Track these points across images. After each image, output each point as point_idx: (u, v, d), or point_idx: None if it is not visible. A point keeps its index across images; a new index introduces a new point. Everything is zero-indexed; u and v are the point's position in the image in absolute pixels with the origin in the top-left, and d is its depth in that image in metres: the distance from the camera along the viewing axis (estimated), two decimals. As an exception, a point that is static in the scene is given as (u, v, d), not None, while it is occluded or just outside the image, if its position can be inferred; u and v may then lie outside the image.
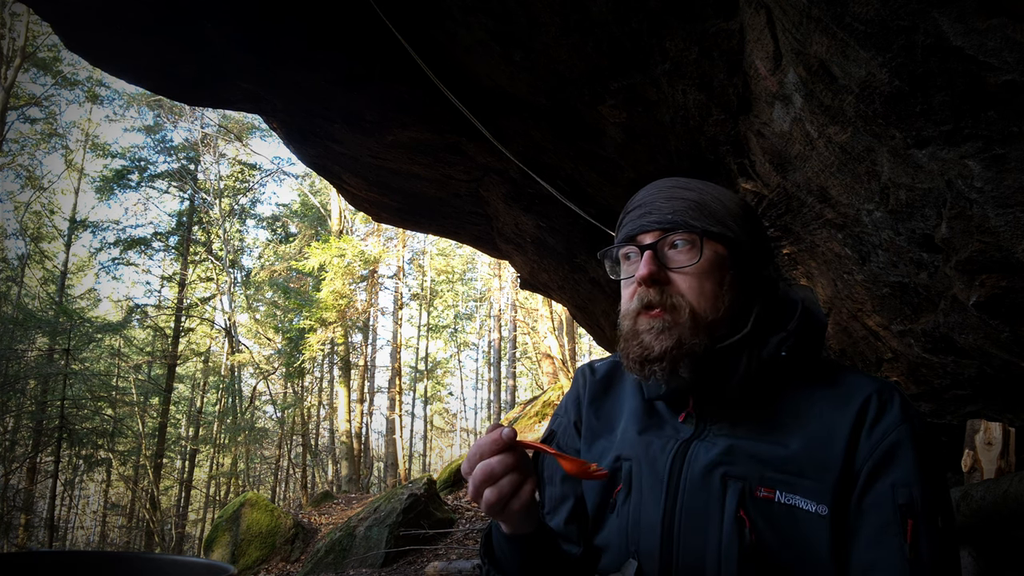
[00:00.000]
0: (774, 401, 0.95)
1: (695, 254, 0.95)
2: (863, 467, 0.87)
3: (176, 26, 4.00)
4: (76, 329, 17.19)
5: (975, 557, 2.81)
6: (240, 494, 15.19)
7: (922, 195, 2.17)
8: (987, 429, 3.06)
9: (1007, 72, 1.55)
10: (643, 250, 0.97)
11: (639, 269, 0.96)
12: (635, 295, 0.97)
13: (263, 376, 20.43)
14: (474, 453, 0.86)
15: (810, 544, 0.85)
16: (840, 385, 0.94)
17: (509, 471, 0.84)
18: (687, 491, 0.92)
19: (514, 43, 3.41)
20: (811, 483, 0.87)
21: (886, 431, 0.88)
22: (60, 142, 23.36)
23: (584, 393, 1.12)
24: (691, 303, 0.94)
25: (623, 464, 0.99)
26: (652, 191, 1.02)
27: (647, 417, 1.02)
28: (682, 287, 0.95)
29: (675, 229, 0.96)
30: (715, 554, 0.87)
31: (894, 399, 0.91)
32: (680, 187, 1.01)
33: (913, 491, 0.85)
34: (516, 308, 22.33)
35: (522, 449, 0.86)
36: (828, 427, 0.90)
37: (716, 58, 2.73)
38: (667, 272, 0.95)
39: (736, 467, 0.90)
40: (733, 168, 3.22)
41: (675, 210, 0.97)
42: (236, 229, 24.29)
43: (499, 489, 0.83)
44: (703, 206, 0.98)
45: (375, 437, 26.51)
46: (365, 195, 6.43)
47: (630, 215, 1.01)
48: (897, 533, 0.84)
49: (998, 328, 2.41)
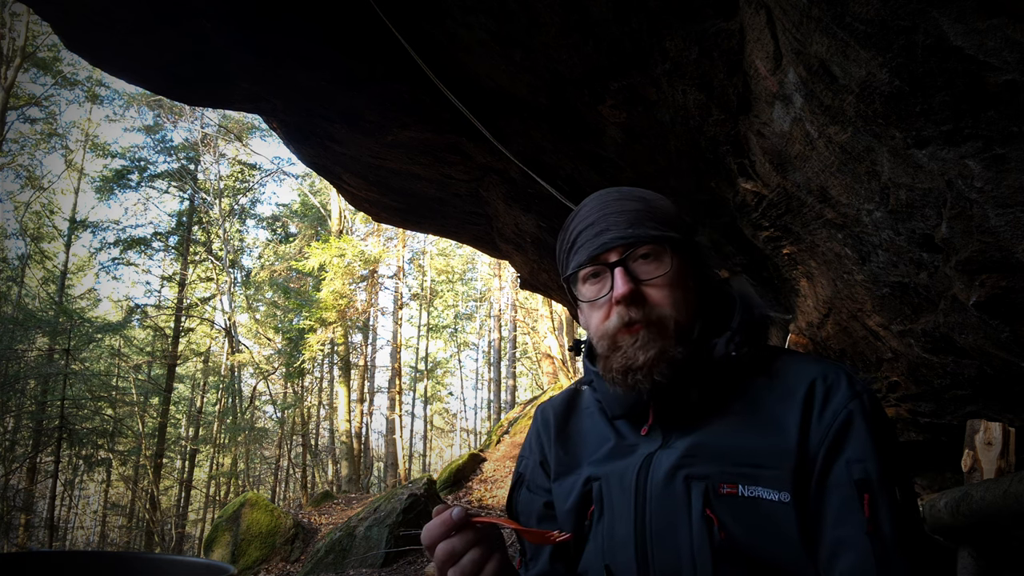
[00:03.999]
0: (726, 398, 0.95)
1: (665, 263, 0.95)
2: (818, 450, 0.88)
3: (176, 26, 4.00)
4: (76, 329, 17.19)
5: (975, 557, 2.81)
6: (240, 494, 15.20)
7: (922, 195, 2.17)
8: (987, 429, 3.06)
9: (1007, 72, 1.55)
10: (611, 268, 0.95)
11: (616, 288, 0.94)
12: (612, 314, 0.96)
13: (263, 376, 20.43)
14: (426, 536, 0.85)
15: (779, 533, 0.86)
16: (787, 373, 0.95)
17: (470, 547, 0.83)
18: (653, 499, 0.92)
19: (514, 43, 3.41)
20: (771, 472, 0.88)
21: (836, 411, 0.89)
22: (60, 142, 23.41)
23: (546, 430, 1.12)
24: (673, 315, 0.94)
25: (593, 485, 1.00)
26: (597, 206, 1.00)
27: (612, 438, 1.02)
28: (659, 298, 0.95)
29: (639, 242, 0.95)
30: (688, 556, 0.88)
31: (840, 378, 0.92)
32: (625, 198, 1.00)
33: (868, 466, 0.86)
34: (516, 308, 22.34)
35: (482, 524, 0.85)
36: (780, 416, 0.91)
37: (716, 58, 2.73)
38: (641, 286, 0.95)
39: (697, 467, 0.91)
40: (733, 168, 3.22)
41: (632, 222, 0.96)
42: (236, 229, 24.31)
43: (461, 569, 0.82)
44: (654, 213, 0.98)
45: (375, 437, 26.54)
46: (365, 195, 6.43)
47: (583, 234, 0.99)
48: (857, 509, 0.84)
49: (998, 328, 2.41)
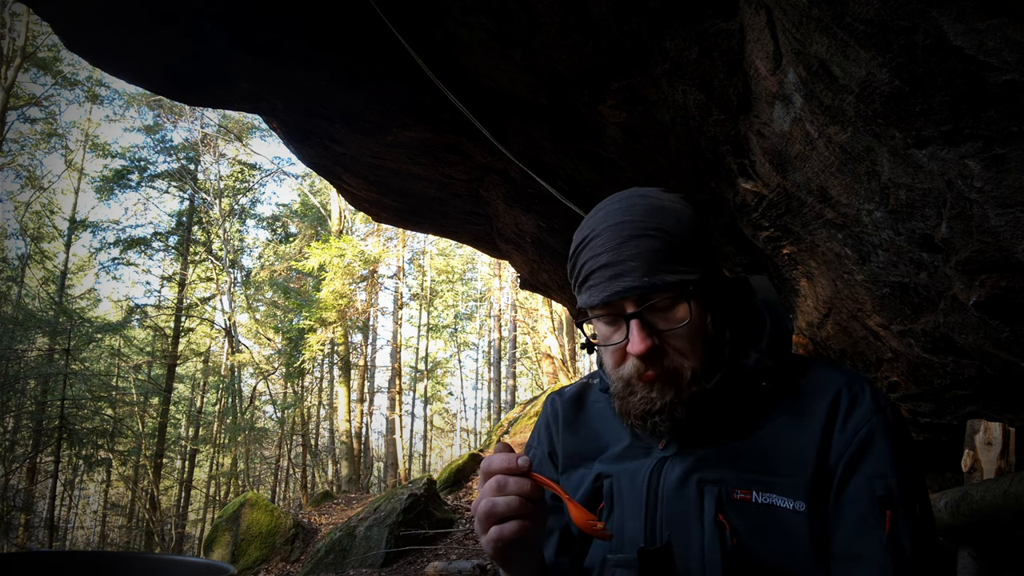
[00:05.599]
0: (747, 404, 0.94)
1: (684, 312, 0.90)
2: (839, 462, 0.87)
3: (176, 26, 4.00)
4: (76, 329, 17.19)
5: (975, 557, 2.80)
6: (240, 494, 15.19)
7: (922, 195, 2.17)
8: (987, 429, 3.06)
9: (1007, 72, 1.55)
10: (627, 319, 0.90)
11: (632, 344, 0.89)
12: (627, 361, 0.93)
13: (263, 376, 20.43)
14: (486, 464, 0.84)
15: (791, 541, 0.86)
16: (810, 381, 0.94)
17: (520, 492, 0.81)
18: (666, 500, 0.91)
19: (514, 43, 3.41)
20: (787, 481, 0.87)
21: (859, 424, 0.88)
22: (60, 142, 23.41)
23: (555, 421, 1.10)
24: (691, 365, 0.91)
25: (604, 482, 0.99)
26: (609, 240, 0.91)
27: (628, 439, 1.01)
28: (678, 347, 0.91)
29: (656, 291, 0.89)
30: (699, 561, 0.87)
31: (864, 391, 0.91)
32: (639, 230, 0.90)
33: (889, 482, 0.85)
34: (516, 308, 22.33)
35: (540, 482, 0.83)
36: (801, 425, 0.90)
37: (716, 58, 2.73)
38: (659, 337, 0.91)
39: (711, 472, 0.90)
40: (733, 168, 3.22)
41: (648, 267, 0.88)
42: (236, 229, 24.30)
43: (507, 503, 0.80)
44: (673, 251, 0.90)
45: (375, 437, 26.54)
46: (365, 195, 6.43)
47: (595, 275, 0.91)
48: (877, 525, 0.84)
49: (998, 328, 2.41)
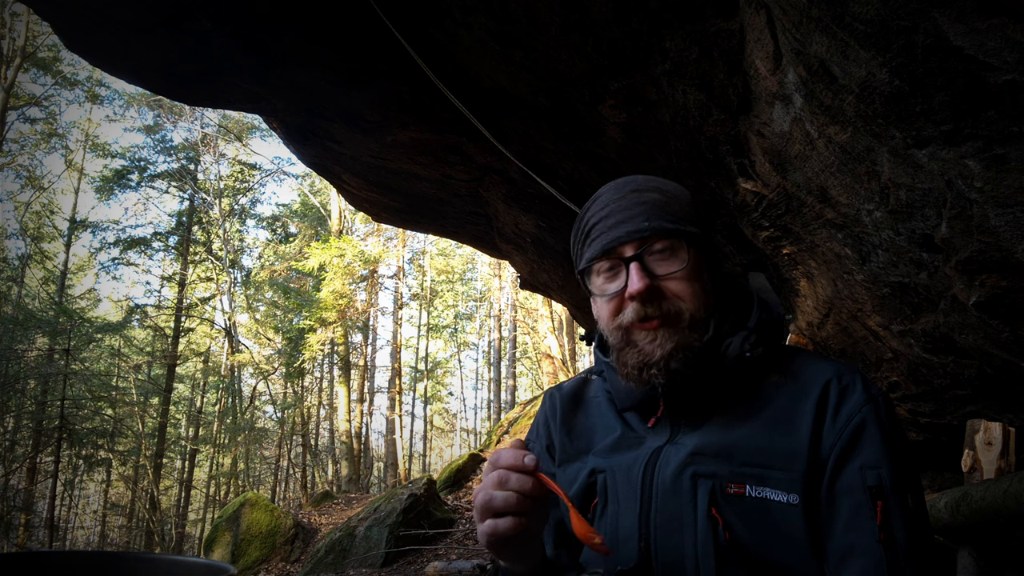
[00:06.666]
0: (739, 396, 0.95)
1: (681, 258, 0.94)
2: (831, 453, 0.88)
3: (176, 26, 4.00)
4: (76, 329, 17.18)
5: (975, 557, 2.81)
6: (240, 494, 15.19)
7: (922, 195, 2.17)
8: (987, 429, 3.06)
9: (1007, 72, 1.55)
10: (627, 262, 0.94)
11: (631, 284, 0.93)
12: (626, 307, 0.95)
13: (263, 376, 20.42)
14: (494, 457, 0.85)
15: (786, 534, 0.86)
16: (801, 373, 0.94)
17: (522, 488, 0.82)
18: (659, 495, 0.92)
19: (514, 43, 3.41)
20: (780, 474, 0.87)
21: (850, 414, 0.89)
22: (60, 142, 23.41)
23: (553, 416, 1.11)
24: (689, 308, 0.94)
25: (598, 477, 0.99)
26: (612, 198, 0.99)
27: (620, 430, 1.02)
28: (675, 293, 0.94)
29: (655, 236, 0.94)
30: (692, 555, 0.87)
31: (855, 381, 0.91)
32: (642, 188, 0.99)
33: (881, 472, 0.86)
34: (516, 308, 22.34)
35: (544, 481, 0.84)
36: (792, 417, 0.90)
37: (716, 58, 2.73)
38: (658, 281, 0.94)
39: (705, 466, 0.90)
40: (733, 168, 3.22)
41: (648, 215, 0.95)
42: (236, 229, 24.30)
43: (504, 498, 0.82)
44: (672, 206, 0.97)
45: (375, 437, 26.53)
46: (365, 195, 6.43)
47: (598, 226, 0.98)
48: (870, 516, 0.84)
49: (998, 328, 2.41)
